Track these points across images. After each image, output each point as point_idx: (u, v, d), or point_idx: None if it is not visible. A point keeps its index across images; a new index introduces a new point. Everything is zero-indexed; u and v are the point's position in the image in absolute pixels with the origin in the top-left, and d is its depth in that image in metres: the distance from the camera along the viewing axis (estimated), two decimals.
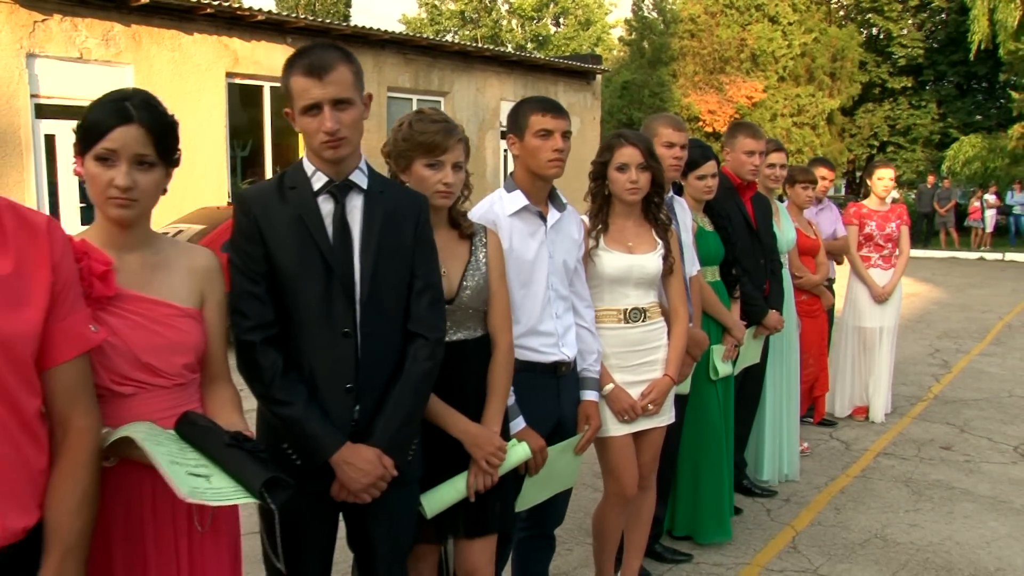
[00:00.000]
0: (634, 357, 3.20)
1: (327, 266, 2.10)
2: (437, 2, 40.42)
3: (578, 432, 2.93)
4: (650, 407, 3.18)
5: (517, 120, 2.79)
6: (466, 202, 2.56)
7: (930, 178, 24.13)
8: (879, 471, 5.15)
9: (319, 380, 2.10)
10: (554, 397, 2.84)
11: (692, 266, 3.62)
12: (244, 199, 2.14)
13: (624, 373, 3.17)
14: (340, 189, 2.15)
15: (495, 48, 20.51)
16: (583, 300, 3.02)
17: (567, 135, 2.76)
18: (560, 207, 2.89)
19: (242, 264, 2.08)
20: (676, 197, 3.67)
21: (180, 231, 9.06)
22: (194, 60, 12.50)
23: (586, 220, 3.19)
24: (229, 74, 13.02)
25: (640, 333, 3.21)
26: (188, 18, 12.33)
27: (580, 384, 2.97)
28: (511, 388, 2.61)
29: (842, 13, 30.77)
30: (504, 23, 40.38)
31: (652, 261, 3.20)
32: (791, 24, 26.54)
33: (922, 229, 22.02)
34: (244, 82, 13.41)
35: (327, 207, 2.14)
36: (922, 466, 5.23)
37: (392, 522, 2.24)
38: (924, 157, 27.97)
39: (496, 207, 2.77)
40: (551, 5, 39.77)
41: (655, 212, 3.25)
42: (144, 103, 1.79)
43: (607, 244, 3.16)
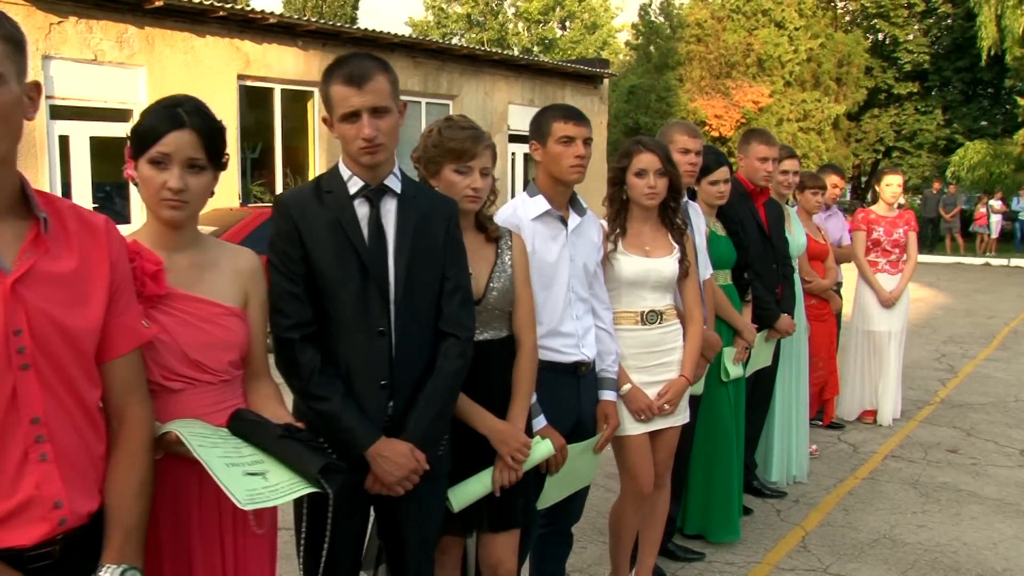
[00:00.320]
0: (651, 358, 3.27)
1: (363, 268, 2.18)
2: (444, 5, 40.52)
3: (597, 431, 3.01)
4: (666, 407, 3.26)
5: (540, 127, 2.87)
6: (492, 207, 2.64)
7: (935, 184, 24.17)
8: (887, 473, 5.22)
9: (355, 377, 2.18)
10: (574, 397, 2.92)
11: (705, 270, 3.70)
12: (283, 203, 2.21)
13: (641, 374, 3.25)
14: (375, 193, 2.23)
15: (503, 52, 20.61)
16: (602, 302, 3.09)
17: (588, 142, 2.84)
18: (580, 211, 2.97)
19: (281, 265, 2.16)
20: (690, 202, 3.74)
21: None
22: (206, 62, 12.61)
23: (604, 224, 3.27)
24: (240, 76, 13.13)
25: (657, 335, 3.29)
26: (200, 21, 12.46)
27: (599, 384, 3.04)
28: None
29: (848, 19, 30.82)
30: (510, 26, 40.45)
31: (669, 265, 3.27)
32: (797, 29, 26.63)
33: (927, 234, 22.04)
34: (255, 84, 13.53)
35: (363, 211, 2.22)
36: (929, 469, 5.29)
37: (422, 514, 2.31)
38: (930, 163, 28.02)
39: (519, 211, 2.85)
40: (557, 9, 39.83)
41: (672, 217, 3.33)
42: (195, 109, 1.87)
43: (625, 248, 3.24)
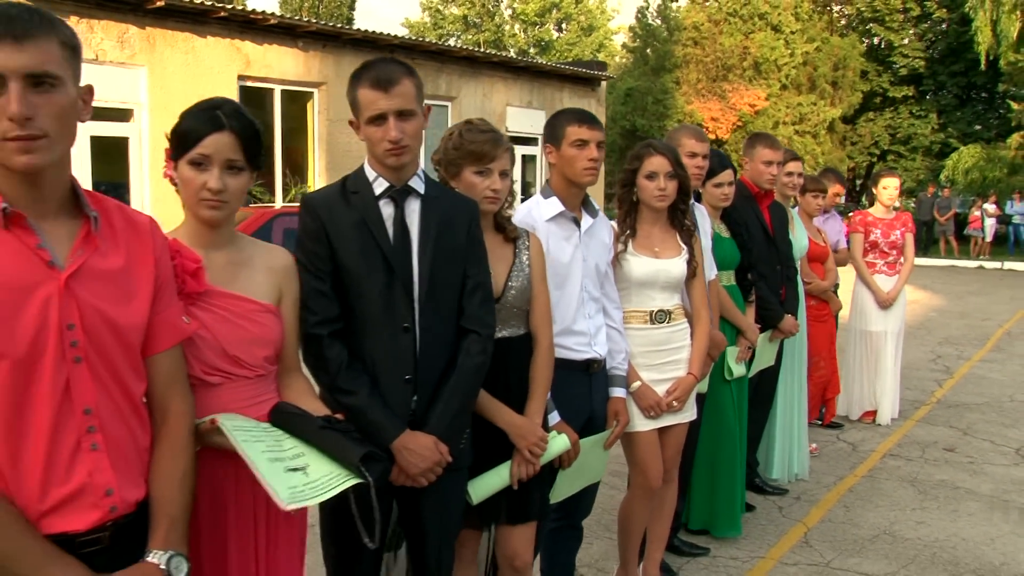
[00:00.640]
0: (659, 356, 3.35)
1: (389, 266, 2.24)
2: (440, 6, 40.57)
3: (607, 427, 3.08)
4: (675, 404, 3.34)
5: (554, 130, 2.94)
6: (510, 208, 2.70)
7: (930, 188, 24.32)
8: (886, 471, 5.30)
9: (380, 372, 2.24)
10: (586, 393, 2.99)
11: (710, 271, 3.77)
12: (311, 203, 2.28)
13: (650, 371, 3.32)
14: (400, 194, 2.30)
15: (502, 54, 20.68)
16: (612, 302, 3.17)
17: (601, 145, 2.92)
18: (593, 213, 3.04)
19: (309, 263, 2.22)
20: (697, 204, 3.82)
21: None
22: (207, 63, 12.64)
23: (614, 225, 3.34)
24: (241, 77, 13.16)
25: (665, 333, 3.36)
26: (201, 21, 12.49)
27: (609, 381, 3.11)
28: None
29: (844, 22, 31.00)
30: (507, 28, 40.52)
31: (677, 265, 3.35)
32: (793, 33, 26.75)
33: (922, 237, 22.17)
34: (255, 85, 13.55)
35: (388, 211, 2.29)
36: (927, 467, 5.38)
37: (443, 506, 2.38)
38: (924, 166, 28.18)
39: (534, 212, 2.92)
40: (554, 11, 39.90)
41: (681, 218, 3.41)
42: (234, 112, 1.93)
43: (635, 249, 3.31)
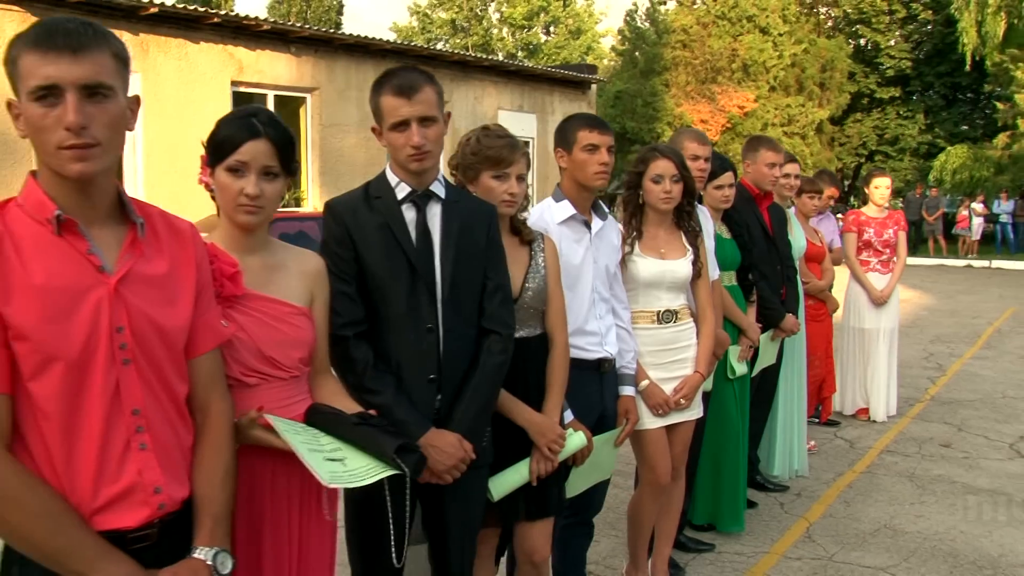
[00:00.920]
0: (666, 355, 3.42)
1: (412, 268, 2.31)
2: (428, 11, 40.62)
3: (617, 425, 3.14)
4: (682, 402, 3.41)
5: (565, 135, 3.02)
6: (524, 211, 2.77)
7: (918, 188, 24.52)
8: (883, 467, 5.39)
9: (405, 372, 2.31)
10: (597, 392, 3.05)
11: (712, 271, 3.85)
12: (335, 208, 2.34)
13: (657, 370, 3.39)
14: (422, 198, 2.36)
15: (493, 58, 20.72)
16: (621, 302, 3.24)
17: (611, 149, 2.99)
18: (603, 216, 3.11)
19: (334, 266, 2.27)
20: (699, 206, 3.89)
21: None
22: (200, 69, 12.66)
23: (620, 227, 3.41)
24: (234, 82, 13.18)
25: (672, 333, 3.43)
26: (194, 27, 12.51)
27: (619, 380, 3.18)
28: None
29: (831, 24, 31.22)
30: (495, 32, 40.61)
31: (683, 266, 3.43)
32: (781, 35, 26.94)
33: (910, 237, 22.34)
34: (248, 90, 13.57)
35: (410, 215, 2.35)
36: (924, 462, 5.47)
37: (466, 504, 2.44)
38: (912, 166, 28.42)
39: (546, 215, 2.99)
40: (542, 14, 40.00)
41: (686, 220, 3.48)
42: (270, 119, 1.99)
43: (641, 250, 3.38)
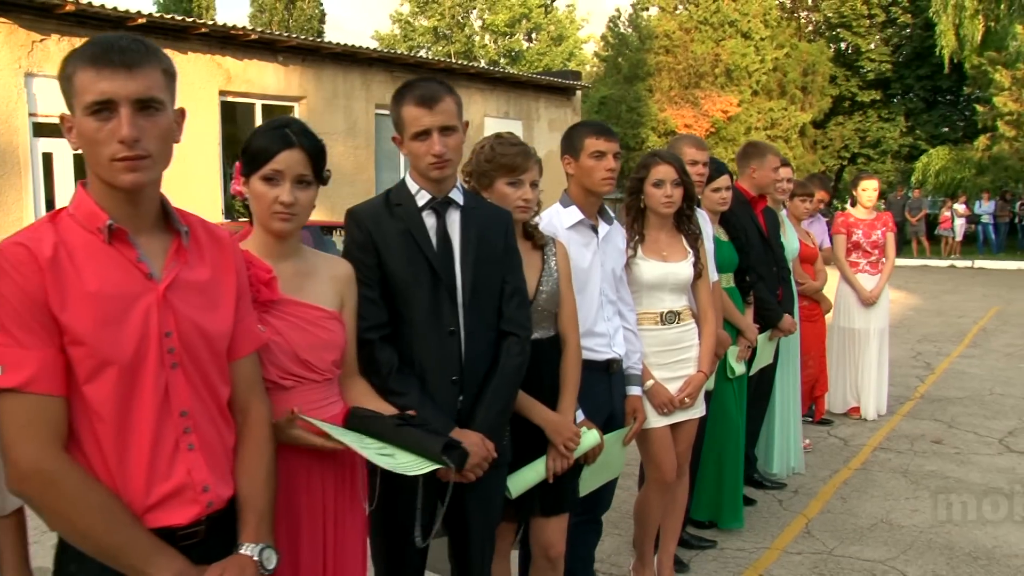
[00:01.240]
0: (670, 356, 3.50)
1: (434, 274, 2.37)
2: (410, 19, 40.62)
3: (625, 424, 3.22)
4: (686, 400, 3.50)
5: (573, 142, 3.10)
6: (536, 217, 2.85)
7: (898, 190, 24.78)
8: (877, 464, 5.50)
9: (428, 374, 2.37)
10: (606, 392, 3.13)
11: (712, 273, 3.94)
12: (357, 215, 2.41)
13: (661, 370, 3.47)
14: (442, 205, 2.43)
15: (479, 65, 20.84)
16: (627, 304, 3.31)
17: (617, 155, 3.07)
18: (609, 220, 3.19)
19: (358, 272, 2.33)
20: (698, 210, 3.99)
21: None
22: (188, 79, 12.67)
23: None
24: (222, 92, 13.22)
25: (675, 334, 3.52)
26: (182, 37, 12.54)
27: (626, 381, 3.26)
28: None
29: (811, 29, 31.53)
30: (477, 39, 40.66)
31: (685, 268, 3.51)
32: (763, 40, 27.22)
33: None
34: (236, 100, 13.62)
35: (430, 221, 2.42)
36: (917, 459, 5.58)
37: (487, 501, 2.50)
38: (894, 168, 28.71)
39: (555, 220, 3.06)
40: (524, 21, 40.09)
41: (686, 223, 3.57)
42: (302, 130, 2.06)
43: (644, 253, 3.47)
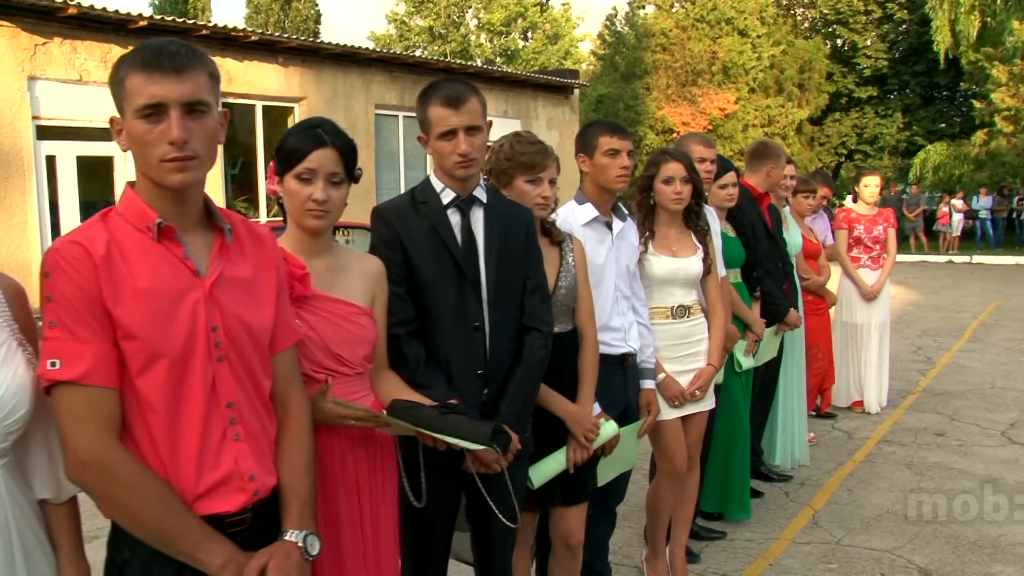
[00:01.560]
0: (680, 349, 3.58)
1: (460, 270, 2.44)
2: (406, 18, 40.63)
3: (639, 417, 3.29)
4: (697, 393, 3.57)
5: (587, 141, 3.17)
6: (553, 214, 2.92)
7: (891, 187, 24.86)
8: (882, 456, 5.57)
9: (455, 367, 2.43)
10: (621, 386, 3.20)
11: (720, 269, 4.01)
12: (384, 213, 2.47)
13: (672, 364, 3.55)
14: (466, 203, 2.49)
15: (477, 65, 20.90)
16: (640, 299, 3.39)
17: (631, 153, 3.14)
18: (623, 217, 3.26)
19: (385, 269, 2.41)
20: (706, 206, 4.06)
21: None
22: None
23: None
24: (223, 93, 13.11)
25: (685, 328, 3.59)
26: (183, 39, 12.56)
27: (640, 374, 3.33)
28: None
29: (808, 25, 31.60)
30: (473, 38, 40.68)
31: (694, 263, 3.59)
32: (760, 37, 27.27)
33: None
34: (237, 101, 13.65)
35: (455, 219, 2.48)
36: (920, 451, 5.66)
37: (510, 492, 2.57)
38: (892, 164, 28.78)
39: (570, 218, 3.13)
40: (519, 20, 40.12)
41: (695, 219, 3.65)
42: (334, 129, 2.12)
43: (655, 249, 3.54)
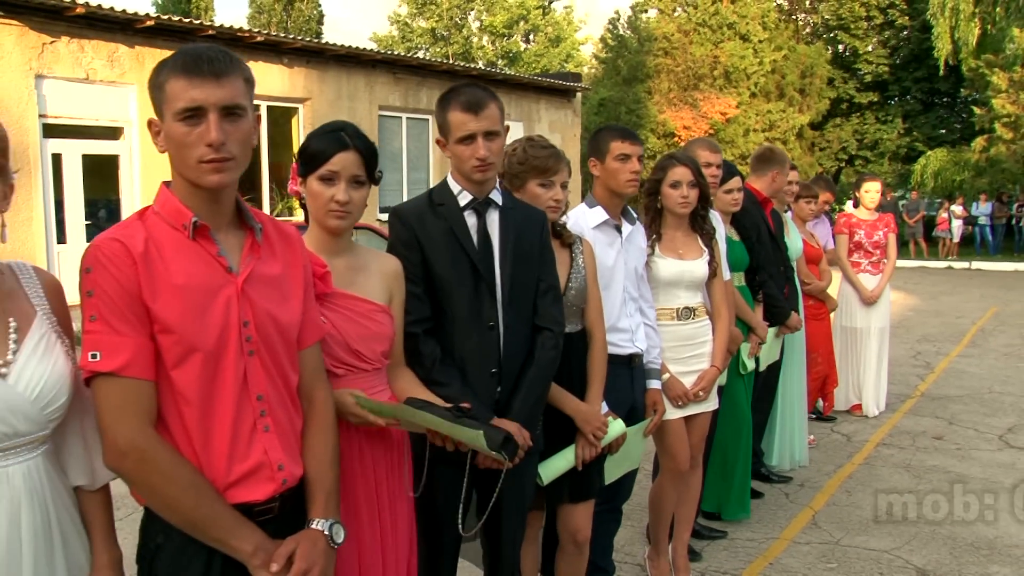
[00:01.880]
0: (685, 350, 3.65)
1: (476, 271, 2.50)
2: (408, 20, 40.71)
3: (645, 417, 3.36)
4: (700, 394, 3.64)
5: (598, 145, 3.24)
6: (564, 216, 2.99)
7: (888, 193, 24.92)
8: (880, 459, 5.65)
9: (469, 366, 2.50)
10: (628, 386, 3.27)
11: (725, 272, 4.09)
12: (402, 213, 2.54)
13: (677, 364, 3.62)
14: (482, 206, 2.56)
15: (480, 68, 20.98)
16: (647, 301, 3.46)
17: (641, 158, 3.22)
18: (631, 220, 3.33)
19: (403, 268, 2.47)
20: (711, 211, 4.13)
21: None
22: None
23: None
24: None
25: (690, 329, 3.67)
26: (190, 40, 12.61)
27: (646, 375, 3.40)
28: None
29: (809, 31, 31.71)
30: (475, 40, 40.76)
31: (700, 266, 3.66)
32: (761, 42, 27.39)
33: None
34: None
35: (471, 220, 2.55)
36: (918, 454, 5.73)
37: (520, 489, 2.62)
38: (892, 170, 28.87)
39: (580, 221, 3.20)
40: (521, 23, 40.21)
41: (701, 223, 3.72)
42: (356, 132, 2.19)
43: (661, 252, 3.62)
